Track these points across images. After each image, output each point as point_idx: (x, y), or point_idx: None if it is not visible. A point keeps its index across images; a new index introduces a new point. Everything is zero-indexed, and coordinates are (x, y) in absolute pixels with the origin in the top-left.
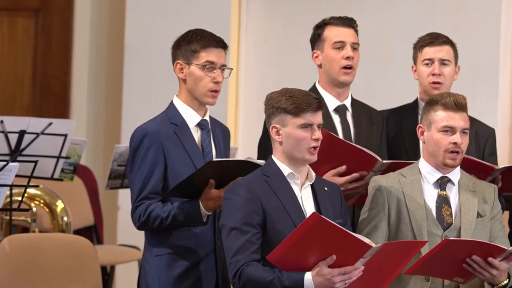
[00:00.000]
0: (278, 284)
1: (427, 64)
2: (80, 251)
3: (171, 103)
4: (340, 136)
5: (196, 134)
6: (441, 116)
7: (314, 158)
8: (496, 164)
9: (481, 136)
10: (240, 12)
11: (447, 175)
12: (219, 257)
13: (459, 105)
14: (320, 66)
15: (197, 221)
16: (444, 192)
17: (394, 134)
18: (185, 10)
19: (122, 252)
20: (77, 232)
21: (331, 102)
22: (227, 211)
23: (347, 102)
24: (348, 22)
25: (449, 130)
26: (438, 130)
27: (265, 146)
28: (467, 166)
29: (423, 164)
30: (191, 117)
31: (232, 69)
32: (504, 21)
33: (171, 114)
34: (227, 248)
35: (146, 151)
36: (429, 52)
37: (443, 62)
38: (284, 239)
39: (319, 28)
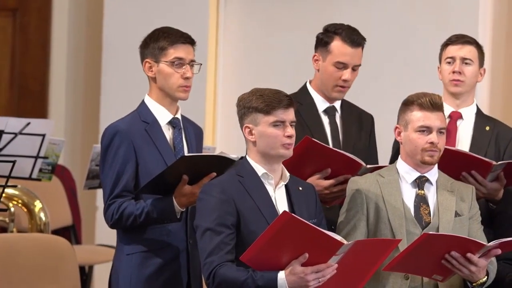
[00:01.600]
0: (251, 283)
1: (449, 62)
2: (58, 251)
3: (142, 102)
4: (329, 137)
5: (168, 133)
6: (417, 116)
7: (290, 153)
8: None
9: (502, 139)
10: (218, 11)
11: (425, 174)
12: (191, 255)
13: (435, 104)
14: (317, 70)
15: (170, 218)
16: (422, 192)
17: None
18: (163, 10)
19: (100, 252)
20: (56, 232)
21: (321, 103)
22: (201, 212)
23: (337, 104)
24: (359, 41)
25: (426, 130)
26: (415, 130)
27: None
28: (467, 162)
29: (401, 164)
30: (163, 116)
31: (201, 64)
32: (482, 21)
33: (142, 112)
34: (201, 249)
35: (117, 149)
36: (451, 50)
37: (465, 61)
38: (256, 239)
39: (328, 34)
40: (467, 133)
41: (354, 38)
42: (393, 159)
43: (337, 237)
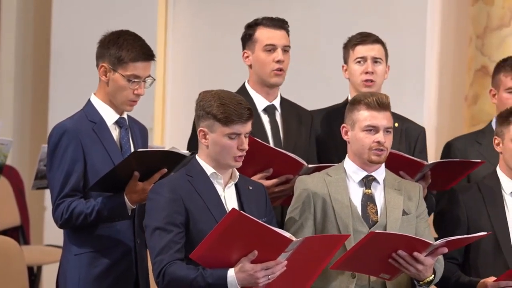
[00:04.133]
0: (201, 281)
1: (359, 62)
2: (7, 251)
3: (89, 101)
4: (269, 135)
5: (115, 132)
6: (364, 116)
7: (238, 164)
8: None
9: (412, 135)
10: (166, 12)
11: (372, 173)
12: (139, 254)
13: (381, 104)
14: (250, 66)
15: (122, 215)
16: (369, 191)
17: (324, 135)
18: (112, 11)
19: (49, 252)
20: (4, 232)
21: (260, 102)
22: (150, 211)
23: (276, 102)
24: (280, 24)
25: (372, 129)
26: (362, 129)
27: (194, 145)
28: (397, 163)
29: (348, 163)
30: (109, 115)
31: (155, 80)
32: (430, 21)
33: (89, 112)
34: (151, 248)
35: (65, 149)
36: (361, 50)
37: (375, 60)
38: (206, 236)
39: (251, 28)
40: None
41: (276, 21)
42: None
43: (286, 234)
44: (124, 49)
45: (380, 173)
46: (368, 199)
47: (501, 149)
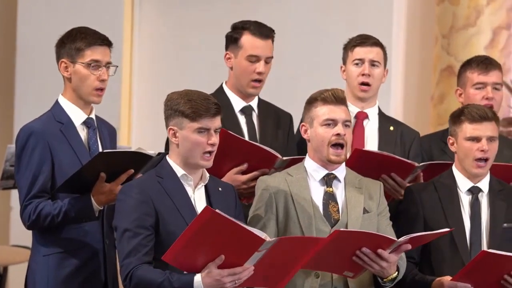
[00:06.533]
0: (168, 285)
1: (357, 64)
2: None
3: (56, 102)
4: (246, 136)
5: (82, 133)
6: (322, 111)
7: (209, 164)
8: None
9: (406, 139)
10: (133, 11)
11: (332, 172)
12: (108, 255)
13: (338, 98)
14: (231, 68)
15: (89, 216)
16: (331, 189)
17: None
18: (78, 9)
19: (15, 252)
20: None
21: (237, 103)
22: (120, 212)
23: (253, 103)
24: (267, 33)
25: (331, 123)
26: (320, 124)
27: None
28: (388, 164)
29: (308, 162)
30: (77, 116)
31: (117, 66)
32: (396, 20)
33: (57, 112)
34: (120, 251)
35: (32, 150)
36: (360, 52)
37: (373, 63)
38: (177, 237)
39: (237, 31)
40: (373, 133)
41: (263, 30)
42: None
43: (260, 234)
44: (78, 38)
45: (341, 171)
46: (330, 198)
47: (455, 149)
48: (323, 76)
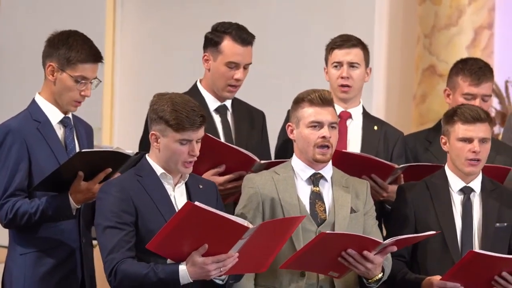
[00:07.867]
0: (153, 277)
1: (336, 66)
2: None
3: (33, 101)
4: (221, 135)
5: (59, 132)
6: (308, 112)
7: (188, 171)
8: None
9: (390, 139)
10: (115, 12)
11: (319, 171)
12: (85, 254)
13: (324, 100)
14: (208, 70)
15: (66, 215)
16: (317, 188)
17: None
18: (60, 10)
19: None
20: None
21: (212, 102)
22: (101, 210)
23: (228, 102)
24: (249, 40)
25: (317, 125)
26: (306, 125)
27: (146, 145)
28: (368, 166)
29: (295, 161)
30: (54, 115)
31: (101, 81)
32: (378, 20)
33: (34, 111)
34: (102, 247)
35: (9, 148)
36: (338, 54)
37: (351, 65)
38: (159, 230)
39: (218, 34)
40: (357, 132)
41: (244, 36)
42: (280, 149)
43: (242, 222)
44: (74, 49)
45: (328, 170)
46: (316, 197)
47: (447, 148)
48: (307, 76)
